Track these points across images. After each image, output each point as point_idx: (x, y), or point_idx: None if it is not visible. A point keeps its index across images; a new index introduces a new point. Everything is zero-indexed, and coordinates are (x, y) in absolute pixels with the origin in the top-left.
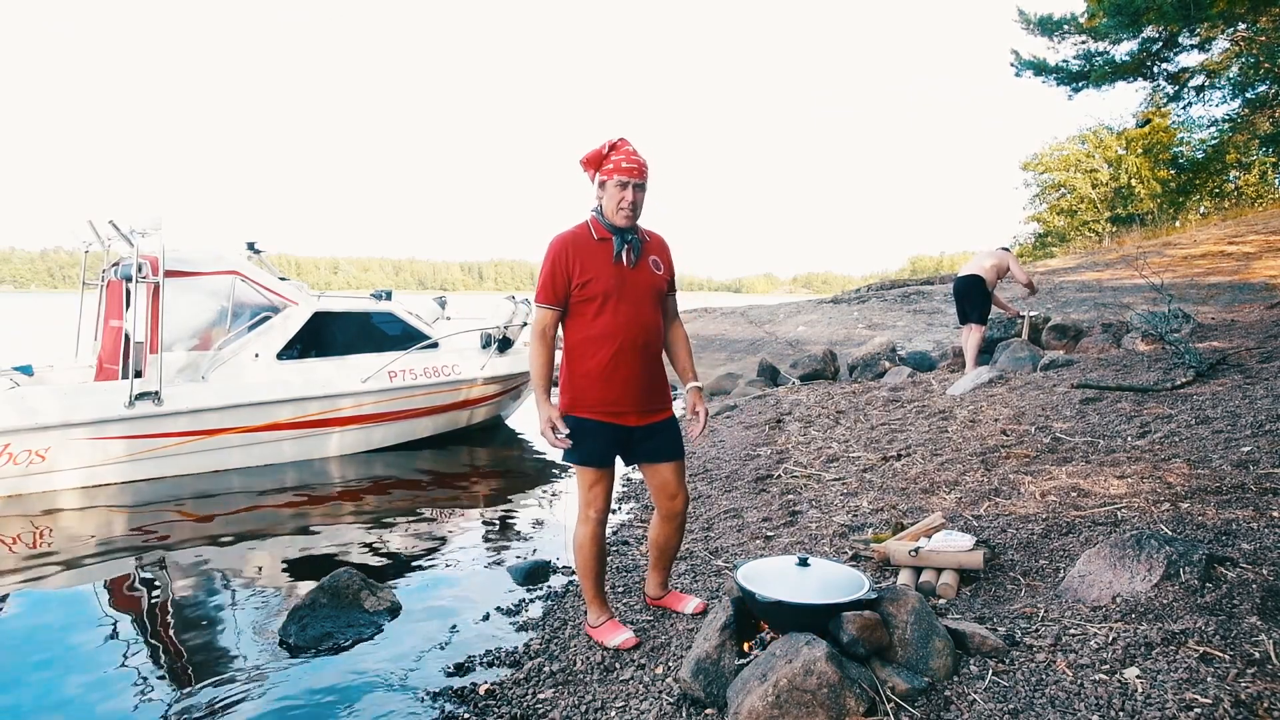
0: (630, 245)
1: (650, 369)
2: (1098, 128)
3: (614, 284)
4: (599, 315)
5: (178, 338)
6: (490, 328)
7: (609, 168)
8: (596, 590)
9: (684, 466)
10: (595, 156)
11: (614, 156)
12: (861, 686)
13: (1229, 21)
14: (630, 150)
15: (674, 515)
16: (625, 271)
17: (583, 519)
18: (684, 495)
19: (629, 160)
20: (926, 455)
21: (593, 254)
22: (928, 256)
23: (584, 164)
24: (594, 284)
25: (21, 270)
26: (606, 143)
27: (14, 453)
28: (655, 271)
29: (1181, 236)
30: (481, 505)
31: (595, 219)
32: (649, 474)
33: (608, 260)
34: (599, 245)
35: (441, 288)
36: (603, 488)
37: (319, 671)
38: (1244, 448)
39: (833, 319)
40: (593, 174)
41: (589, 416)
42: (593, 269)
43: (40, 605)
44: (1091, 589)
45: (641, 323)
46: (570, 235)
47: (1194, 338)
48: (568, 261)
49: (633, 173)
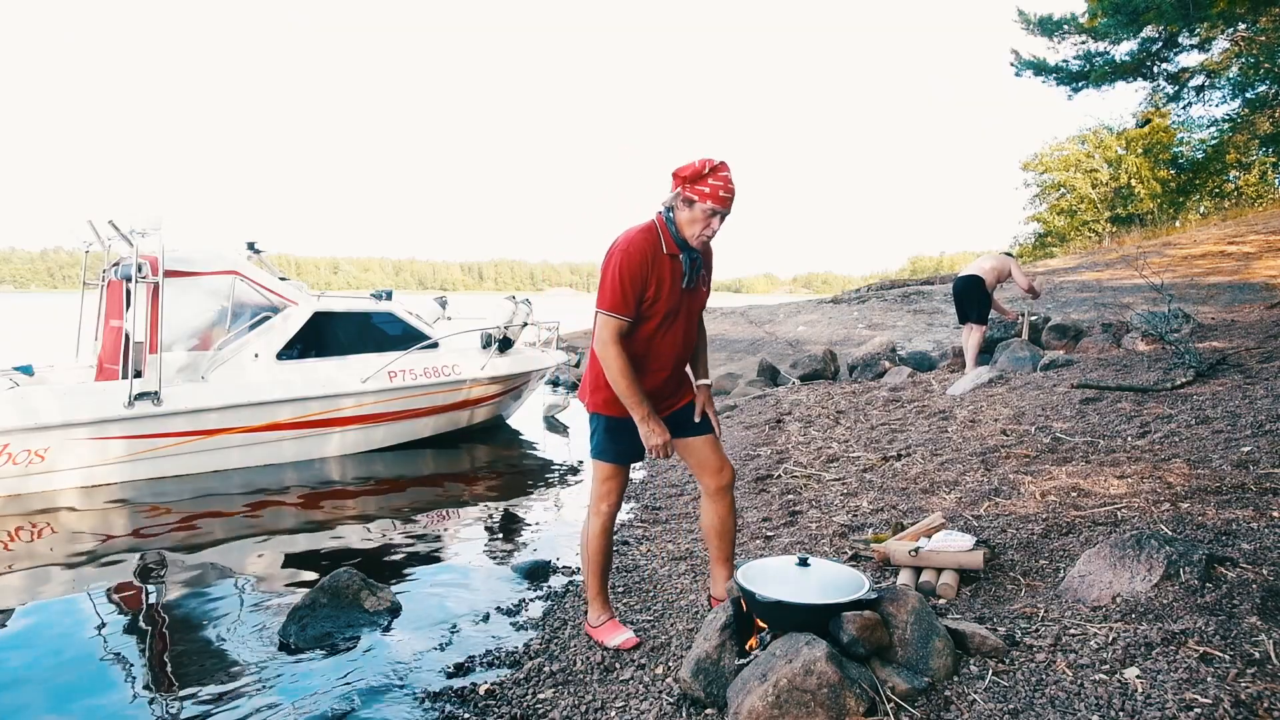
0: (696, 264)
1: (679, 369)
2: (1098, 128)
3: (676, 304)
4: (654, 332)
5: (177, 338)
6: (490, 328)
7: (705, 190)
8: (600, 587)
9: (719, 440)
10: (693, 174)
11: (712, 181)
12: (861, 686)
13: (1229, 21)
14: (728, 177)
15: (722, 490)
16: (685, 292)
17: (594, 512)
18: (730, 467)
19: (725, 189)
20: (926, 455)
21: (665, 269)
22: (928, 257)
23: (678, 178)
24: (661, 303)
25: (21, 270)
26: (706, 163)
27: (13, 453)
28: (704, 288)
29: (1181, 236)
30: (481, 505)
31: (665, 226)
32: (686, 453)
33: (676, 278)
34: (669, 260)
35: (441, 288)
36: (617, 483)
37: (319, 671)
38: (1244, 448)
39: (833, 319)
40: (685, 190)
41: (613, 413)
42: (665, 286)
43: (39, 605)
44: (1091, 589)
45: (687, 340)
46: (648, 245)
47: (1194, 338)
48: (647, 274)
49: (727, 204)
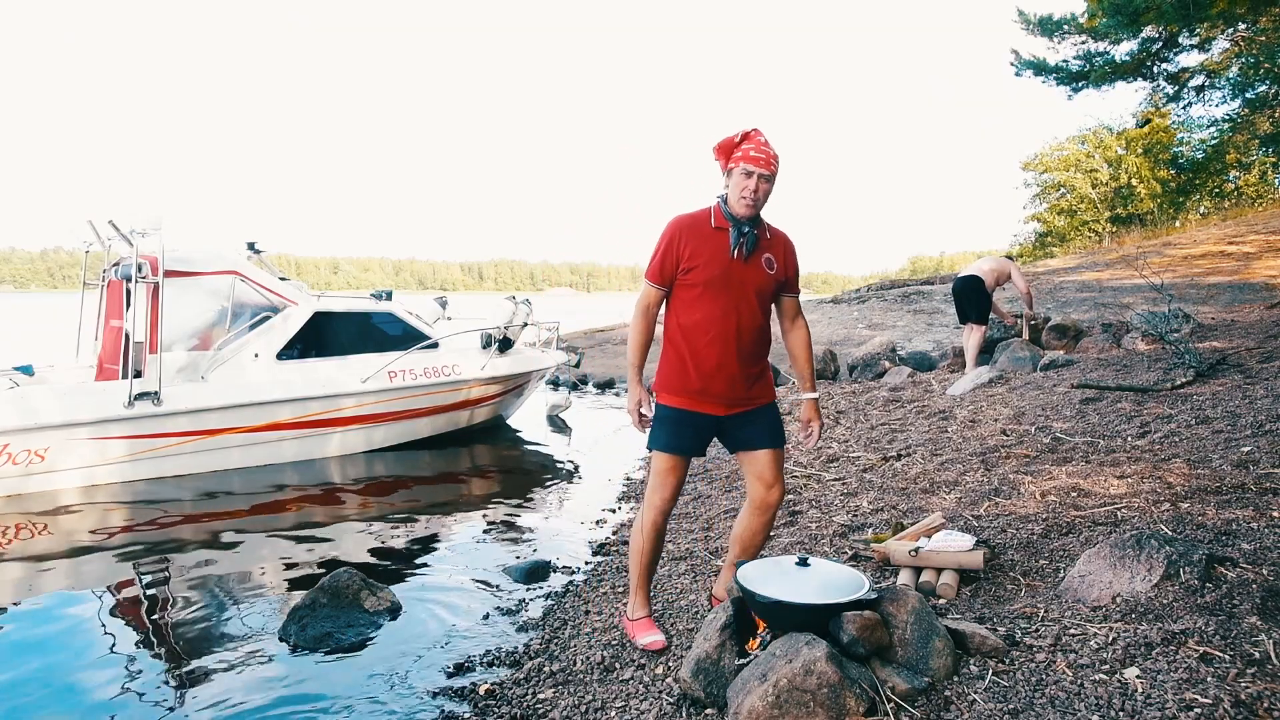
0: (745, 238)
1: (745, 364)
2: (1098, 128)
3: (719, 274)
4: (698, 303)
5: (177, 338)
6: (491, 328)
7: (738, 155)
8: (644, 580)
9: (782, 456)
10: (727, 145)
11: (744, 145)
12: (861, 686)
13: (1229, 21)
14: (762, 141)
15: (767, 507)
16: (734, 265)
17: (648, 504)
18: (780, 487)
19: (758, 150)
20: (926, 455)
21: (706, 241)
22: (928, 257)
23: (716, 151)
24: (699, 271)
25: (22, 270)
26: (740, 132)
27: (13, 453)
28: (768, 270)
29: (1181, 236)
30: (481, 505)
31: (718, 206)
32: (745, 462)
33: (721, 250)
34: (715, 233)
35: (441, 288)
36: (675, 477)
37: (319, 671)
38: (1244, 448)
39: (833, 319)
40: (724, 162)
41: (674, 404)
42: (702, 256)
43: (39, 605)
44: (1091, 589)
45: (739, 317)
46: (689, 219)
47: (1194, 338)
48: (680, 244)
49: (759, 162)
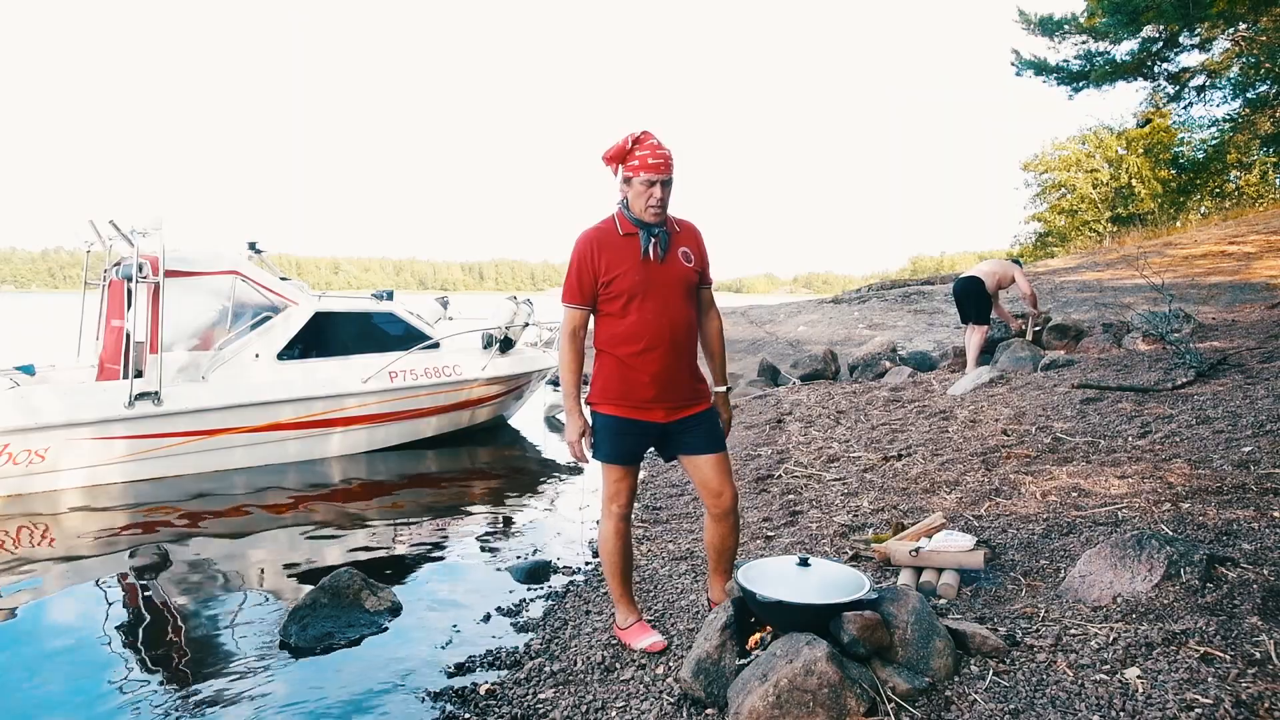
0: (657, 239)
1: (681, 364)
2: (1098, 128)
3: (640, 280)
4: (626, 313)
5: (178, 338)
6: (492, 328)
7: (634, 164)
8: (623, 589)
9: (727, 460)
10: (619, 151)
11: (639, 152)
12: (862, 686)
13: (1229, 21)
14: (655, 144)
15: (724, 514)
16: (653, 267)
17: (605, 515)
18: (731, 491)
19: (655, 155)
20: (927, 455)
21: (619, 250)
22: (928, 257)
23: (607, 159)
24: (620, 281)
25: (22, 270)
26: (629, 136)
27: (14, 453)
28: (685, 264)
29: (1182, 236)
30: (482, 505)
31: (621, 213)
32: (690, 469)
33: (635, 256)
34: (625, 241)
35: (442, 288)
36: (628, 484)
37: (319, 671)
38: (1245, 448)
39: (833, 319)
40: (616, 168)
41: (615, 413)
42: (619, 266)
43: (40, 605)
44: (1092, 589)
45: (670, 318)
46: (595, 232)
47: (1194, 338)
48: (594, 259)
49: (659, 169)
